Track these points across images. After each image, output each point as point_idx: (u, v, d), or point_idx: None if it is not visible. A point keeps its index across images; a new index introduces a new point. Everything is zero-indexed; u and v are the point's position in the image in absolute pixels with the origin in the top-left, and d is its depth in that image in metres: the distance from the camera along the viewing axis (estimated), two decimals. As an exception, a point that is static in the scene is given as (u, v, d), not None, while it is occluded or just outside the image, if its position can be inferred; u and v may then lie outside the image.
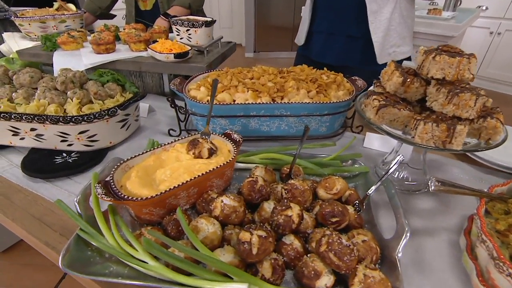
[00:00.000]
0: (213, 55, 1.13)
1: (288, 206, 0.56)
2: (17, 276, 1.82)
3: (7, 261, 1.90)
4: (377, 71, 1.32)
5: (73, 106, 0.78)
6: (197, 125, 0.89)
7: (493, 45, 3.56)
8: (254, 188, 0.62)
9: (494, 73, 3.68)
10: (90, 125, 0.79)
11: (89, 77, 0.92)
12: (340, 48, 1.28)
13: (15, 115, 0.77)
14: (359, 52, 1.25)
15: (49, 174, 0.76)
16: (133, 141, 0.92)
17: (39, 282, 1.75)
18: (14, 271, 1.84)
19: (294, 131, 0.89)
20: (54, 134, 0.80)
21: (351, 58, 1.28)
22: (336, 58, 1.30)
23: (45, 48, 1.18)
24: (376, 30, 1.15)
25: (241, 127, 0.86)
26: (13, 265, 1.88)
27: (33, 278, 1.78)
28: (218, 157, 0.69)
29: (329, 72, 0.97)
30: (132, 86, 0.92)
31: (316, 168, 0.71)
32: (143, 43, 1.17)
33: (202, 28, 1.20)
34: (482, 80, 3.74)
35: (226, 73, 0.95)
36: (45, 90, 0.81)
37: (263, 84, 0.86)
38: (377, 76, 1.37)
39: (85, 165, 0.79)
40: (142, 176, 0.62)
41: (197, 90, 0.87)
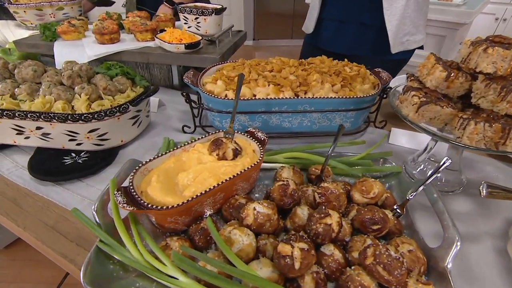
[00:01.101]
0: (225, 45, 1.06)
1: (327, 213, 0.51)
2: (20, 272, 1.79)
3: (9, 257, 1.86)
4: (389, 61, 1.28)
5: (81, 103, 0.72)
6: (213, 121, 0.84)
7: (498, 31, 3.49)
8: (286, 192, 0.58)
9: (498, 61, 3.61)
10: (101, 123, 0.74)
11: (96, 70, 0.85)
12: (352, 36, 1.22)
13: (19, 113, 0.71)
14: (371, 41, 1.20)
15: (59, 176, 0.70)
16: (145, 139, 0.86)
17: (44, 278, 1.72)
18: (17, 267, 1.81)
19: (317, 127, 0.84)
20: (62, 133, 0.74)
21: (363, 47, 1.22)
22: (348, 47, 1.25)
23: (44, 38, 1.11)
24: (391, 18, 1.09)
25: (262, 123, 0.81)
26: (15, 261, 1.84)
27: (37, 274, 1.75)
28: (243, 158, 0.64)
29: (351, 63, 0.92)
30: (143, 80, 0.86)
31: (348, 169, 0.67)
32: (149, 33, 1.09)
33: (212, 16, 1.13)
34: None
35: (243, 65, 0.89)
36: (50, 85, 0.75)
37: (285, 77, 0.81)
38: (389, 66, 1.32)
39: (97, 166, 0.74)
40: (164, 180, 0.57)
41: (213, 84, 0.81)
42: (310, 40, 1.42)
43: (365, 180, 0.60)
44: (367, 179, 0.61)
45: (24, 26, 1.36)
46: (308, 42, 1.46)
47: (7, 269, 1.81)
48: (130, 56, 1.04)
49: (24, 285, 1.73)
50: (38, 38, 1.14)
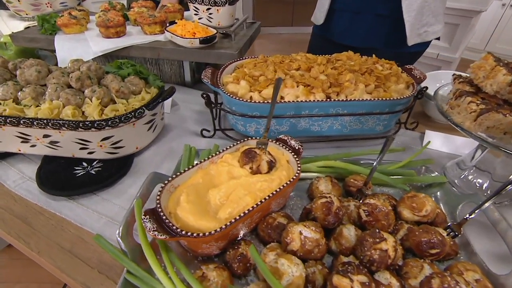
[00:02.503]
0: (241, 39, 0.98)
1: (382, 237, 0.46)
2: (24, 271, 1.74)
3: (11, 256, 1.81)
4: (405, 53, 1.21)
5: (93, 109, 0.65)
6: (235, 125, 0.77)
7: (504, 19, 3.40)
8: (330, 211, 0.52)
9: (503, 48, 3.54)
10: (115, 130, 0.67)
11: (106, 69, 0.77)
12: (367, 28, 1.15)
13: (25, 121, 0.64)
14: (386, 33, 1.12)
15: (72, 191, 0.64)
16: (161, 144, 0.79)
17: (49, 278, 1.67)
18: (20, 267, 1.76)
19: (348, 131, 0.78)
20: (72, 141, 0.68)
21: (377, 39, 1.15)
22: (362, 40, 1.17)
23: (43, 32, 1.01)
24: (409, 8, 1.02)
25: (289, 127, 0.75)
26: (17, 260, 1.80)
27: (41, 273, 1.71)
28: (278, 171, 0.58)
29: (382, 60, 0.85)
30: (157, 80, 0.78)
31: (393, 182, 0.61)
32: (158, 25, 1.01)
33: (226, 7, 1.04)
34: (491, 56, 3.61)
35: (265, 63, 0.82)
36: (57, 88, 0.67)
37: (314, 77, 0.74)
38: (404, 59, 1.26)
39: (112, 177, 0.67)
40: (194, 200, 0.51)
41: (236, 84, 0.74)
42: (320, 32, 1.34)
43: (414, 195, 0.55)
44: (417, 194, 0.55)
45: (19, 16, 1.26)
46: (317, 33, 1.38)
47: (10, 269, 1.76)
48: (139, 52, 0.96)
49: (29, 285, 1.70)
50: (36, 31, 1.04)
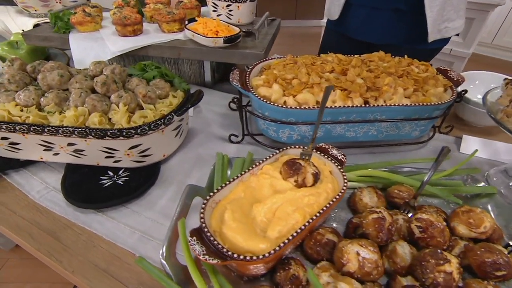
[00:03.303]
0: (265, 38, 0.94)
1: (446, 259, 0.43)
2: (33, 271, 1.73)
3: (21, 256, 1.80)
4: (423, 50, 1.17)
5: (121, 116, 0.61)
6: (266, 130, 0.74)
7: (512, 12, 3.35)
8: (383, 227, 0.49)
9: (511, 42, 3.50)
10: (144, 138, 0.63)
11: (130, 72, 0.73)
12: (385, 24, 1.11)
13: (49, 129, 0.60)
14: (406, 29, 1.08)
15: (101, 203, 0.60)
16: (187, 151, 0.76)
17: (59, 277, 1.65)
18: (30, 266, 1.75)
19: (383, 136, 0.74)
20: (98, 150, 0.64)
21: (396, 35, 1.11)
22: (380, 36, 1.13)
23: (57, 30, 0.97)
24: (432, 3, 0.97)
25: (324, 133, 0.71)
26: (26, 260, 1.78)
27: (52, 273, 1.69)
28: (324, 184, 0.54)
29: (417, 61, 0.81)
30: (183, 82, 0.74)
31: (443, 194, 0.58)
32: (177, 23, 0.96)
33: (247, 3, 1.00)
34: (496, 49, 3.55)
35: (295, 64, 0.78)
36: (82, 93, 0.63)
37: (351, 80, 0.70)
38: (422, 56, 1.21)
39: (140, 188, 0.64)
40: (240, 217, 0.48)
41: (267, 88, 0.71)
42: (334, 27, 1.29)
43: (470, 210, 0.52)
44: (472, 209, 0.52)
45: (27, 12, 1.20)
46: (331, 28, 1.33)
47: (20, 268, 1.75)
48: (158, 51, 0.91)
49: (40, 285, 1.68)
50: (48, 29, 1.00)
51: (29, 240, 0.55)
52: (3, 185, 0.66)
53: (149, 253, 0.53)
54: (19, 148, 0.66)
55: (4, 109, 0.62)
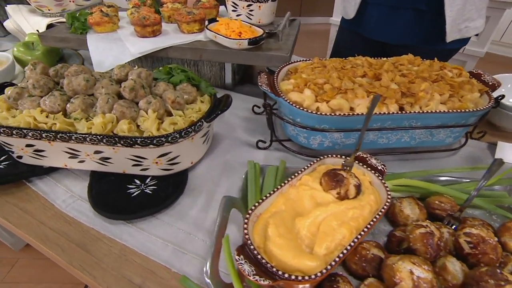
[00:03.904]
0: (288, 39, 0.91)
1: (507, 280, 0.41)
2: (45, 271, 1.72)
3: (32, 256, 1.79)
4: (441, 50, 1.14)
5: (151, 123, 0.59)
6: (295, 136, 0.71)
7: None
8: (432, 242, 0.47)
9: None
10: (174, 146, 0.61)
11: (155, 75, 0.71)
12: (404, 24, 1.08)
13: (77, 137, 0.58)
14: (424, 29, 1.05)
15: (130, 214, 0.58)
16: (214, 157, 0.74)
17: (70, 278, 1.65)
18: (42, 267, 1.74)
19: (416, 143, 0.72)
20: (125, 158, 0.62)
21: (414, 35, 1.08)
22: (397, 36, 1.11)
23: (73, 30, 0.94)
24: (453, 2, 0.95)
25: (356, 140, 0.69)
26: (37, 260, 1.77)
27: (63, 274, 1.68)
28: (366, 196, 0.52)
29: (448, 64, 0.78)
30: (209, 87, 0.72)
31: (490, 207, 0.56)
32: (197, 23, 0.94)
33: (268, 3, 0.97)
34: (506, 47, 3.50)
35: (324, 68, 0.75)
36: (109, 99, 0.61)
37: (386, 86, 0.67)
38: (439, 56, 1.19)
39: (170, 197, 0.62)
40: (284, 233, 0.46)
41: (298, 93, 0.68)
42: (349, 27, 1.26)
43: (522, 224, 0.50)
44: (525, 223, 0.50)
45: (40, 12, 1.18)
46: (346, 28, 1.31)
47: (32, 268, 1.74)
48: (179, 53, 0.89)
49: (52, 285, 1.67)
50: (65, 29, 0.97)
51: (59, 253, 0.53)
52: (27, 193, 0.64)
53: (184, 267, 0.51)
54: (44, 155, 0.64)
55: (29, 116, 0.60)
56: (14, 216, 0.60)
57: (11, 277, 1.71)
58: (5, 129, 0.59)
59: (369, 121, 0.51)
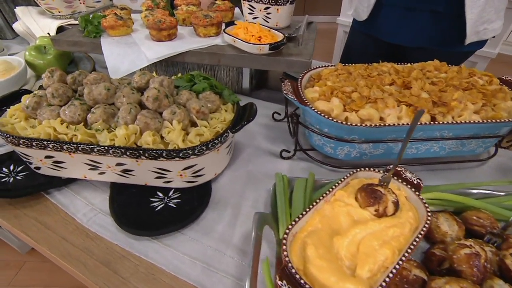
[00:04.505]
0: (308, 44, 0.89)
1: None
2: (52, 274, 1.71)
3: (39, 259, 1.78)
4: (457, 53, 1.11)
5: (177, 135, 0.57)
6: (321, 146, 0.69)
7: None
8: (478, 264, 0.45)
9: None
10: (199, 158, 0.58)
11: (177, 83, 0.68)
12: (420, 26, 1.05)
13: (99, 149, 0.56)
14: (442, 31, 1.03)
15: (156, 230, 0.56)
16: (236, 168, 0.71)
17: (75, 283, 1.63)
18: (46, 270, 1.73)
19: (445, 153, 0.70)
20: (149, 170, 0.59)
21: (431, 38, 1.06)
22: (413, 38, 1.08)
23: (87, 34, 0.91)
24: (473, 4, 0.92)
25: (384, 150, 0.67)
26: (44, 263, 1.75)
27: (68, 278, 1.66)
28: (404, 213, 0.50)
29: (477, 71, 0.76)
30: (232, 95, 0.69)
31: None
32: (214, 27, 0.91)
33: (287, 6, 0.94)
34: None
35: (349, 74, 0.73)
36: (131, 109, 0.58)
37: (417, 95, 0.65)
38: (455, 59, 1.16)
39: (195, 211, 0.60)
40: (324, 254, 0.44)
41: (326, 102, 0.66)
42: (361, 28, 1.24)
43: None
44: None
45: (50, 14, 1.15)
46: (357, 29, 1.28)
47: (39, 272, 1.73)
48: (196, 57, 0.86)
49: (59, 289, 1.66)
50: (77, 33, 0.94)
51: (83, 271, 0.51)
52: (46, 206, 0.62)
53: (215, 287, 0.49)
54: (63, 166, 0.62)
55: (49, 126, 0.58)
56: (34, 230, 0.58)
57: (18, 280, 1.70)
58: (25, 141, 0.57)
59: (411, 135, 0.48)
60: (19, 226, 0.58)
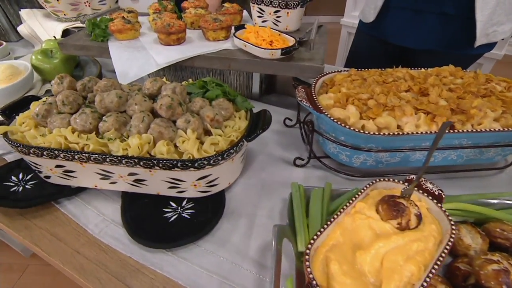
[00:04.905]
0: (320, 48, 0.87)
1: None
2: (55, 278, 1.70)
3: (42, 263, 1.76)
4: (465, 56, 1.10)
5: (192, 145, 0.55)
6: (336, 154, 0.68)
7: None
8: (508, 282, 0.43)
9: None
10: (215, 169, 0.57)
11: (189, 90, 0.67)
12: (428, 28, 1.04)
13: (112, 159, 0.54)
14: (450, 34, 1.02)
15: (171, 243, 0.55)
16: (249, 176, 0.70)
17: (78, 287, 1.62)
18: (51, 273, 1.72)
19: (462, 161, 0.68)
20: (162, 180, 0.58)
21: (440, 40, 1.05)
22: (421, 41, 1.07)
23: (94, 38, 0.90)
24: (484, 6, 0.91)
25: (401, 159, 0.65)
26: (47, 266, 1.74)
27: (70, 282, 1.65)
28: (427, 225, 0.48)
29: (493, 76, 0.75)
30: (245, 101, 0.68)
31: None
32: (224, 31, 0.89)
33: (297, 9, 0.93)
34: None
35: (364, 81, 0.72)
36: (144, 118, 0.57)
37: (435, 103, 0.64)
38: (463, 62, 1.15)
39: (210, 222, 0.58)
40: (348, 270, 0.42)
41: (341, 109, 0.64)
42: (367, 30, 1.22)
43: None
44: None
45: (56, 16, 1.13)
46: (364, 31, 1.27)
47: (42, 276, 1.72)
48: (206, 62, 0.85)
49: (62, 293, 1.65)
50: (84, 37, 0.93)
51: (97, 287, 0.49)
52: (57, 216, 0.61)
53: (233, 303, 0.48)
54: (74, 176, 0.61)
55: (60, 135, 0.57)
56: (45, 242, 0.56)
57: (22, 284, 1.69)
58: (35, 150, 0.56)
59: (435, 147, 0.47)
60: (30, 237, 0.57)
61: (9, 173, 0.66)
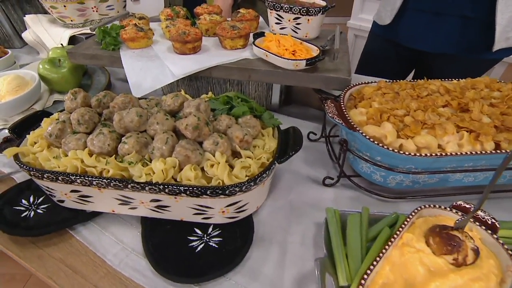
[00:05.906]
0: (343, 58, 0.83)
1: None
2: None
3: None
4: (483, 61, 1.06)
5: (222, 170, 0.50)
6: (369, 174, 0.64)
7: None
8: None
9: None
10: (246, 194, 0.52)
11: (212, 106, 0.62)
12: (447, 31, 1.00)
13: (133, 186, 0.50)
14: (470, 37, 0.98)
15: (200, 277, 0.50)
16: (276, 197, 0.65)
17: None
18: (53, 285, 1.65)
19: (505, 181, 0.64)
20: (187, 207, 0.54)
21: (458, 44, 1.01)
22: (439, 45, 1.03)
23: (104, 46, 0.85)
24: (505, 9, 0.88)
25: (439, 179, 0.61)
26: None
27: None
28: (485, 262, 0.44)
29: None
30: (272, 118, 0.63)
31: None
32: (242, 39, 0.85)
33: (318, 16, 0.89)
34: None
35: (397, 95, 0.67)
36: (168, 139, 0.52)
37: (478, 120, 0.59)
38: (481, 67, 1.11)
39: (240, 252, 0.53)
40: (406, 317, 0.38)
41: (376, 127, 0.60)
42: (382, 33, 1.19)
43: None
44: None
45: (62, 22, 1.08)
46: (378, 34, 1.23)
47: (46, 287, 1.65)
48: (224, 72, 0.80)
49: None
50: (94, 45, 0.88)
51: (122, 328, 0.45)
52: (72, 245, 0.56)
53: None
54: (90, 200, 0.56)
55: (76, 158, 0.52)
56: (61, 276, 0.52)
57: (24, 295, 1.64)
58: (49, 175, 0.51)
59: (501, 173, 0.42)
60: (44, 270, 0.52)
61: (20, 196, 0.62)
